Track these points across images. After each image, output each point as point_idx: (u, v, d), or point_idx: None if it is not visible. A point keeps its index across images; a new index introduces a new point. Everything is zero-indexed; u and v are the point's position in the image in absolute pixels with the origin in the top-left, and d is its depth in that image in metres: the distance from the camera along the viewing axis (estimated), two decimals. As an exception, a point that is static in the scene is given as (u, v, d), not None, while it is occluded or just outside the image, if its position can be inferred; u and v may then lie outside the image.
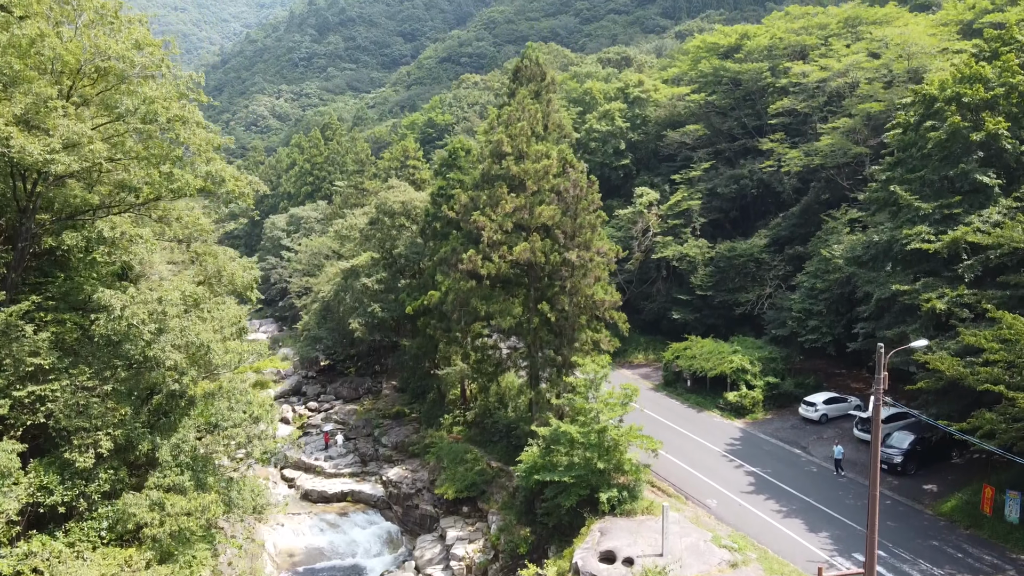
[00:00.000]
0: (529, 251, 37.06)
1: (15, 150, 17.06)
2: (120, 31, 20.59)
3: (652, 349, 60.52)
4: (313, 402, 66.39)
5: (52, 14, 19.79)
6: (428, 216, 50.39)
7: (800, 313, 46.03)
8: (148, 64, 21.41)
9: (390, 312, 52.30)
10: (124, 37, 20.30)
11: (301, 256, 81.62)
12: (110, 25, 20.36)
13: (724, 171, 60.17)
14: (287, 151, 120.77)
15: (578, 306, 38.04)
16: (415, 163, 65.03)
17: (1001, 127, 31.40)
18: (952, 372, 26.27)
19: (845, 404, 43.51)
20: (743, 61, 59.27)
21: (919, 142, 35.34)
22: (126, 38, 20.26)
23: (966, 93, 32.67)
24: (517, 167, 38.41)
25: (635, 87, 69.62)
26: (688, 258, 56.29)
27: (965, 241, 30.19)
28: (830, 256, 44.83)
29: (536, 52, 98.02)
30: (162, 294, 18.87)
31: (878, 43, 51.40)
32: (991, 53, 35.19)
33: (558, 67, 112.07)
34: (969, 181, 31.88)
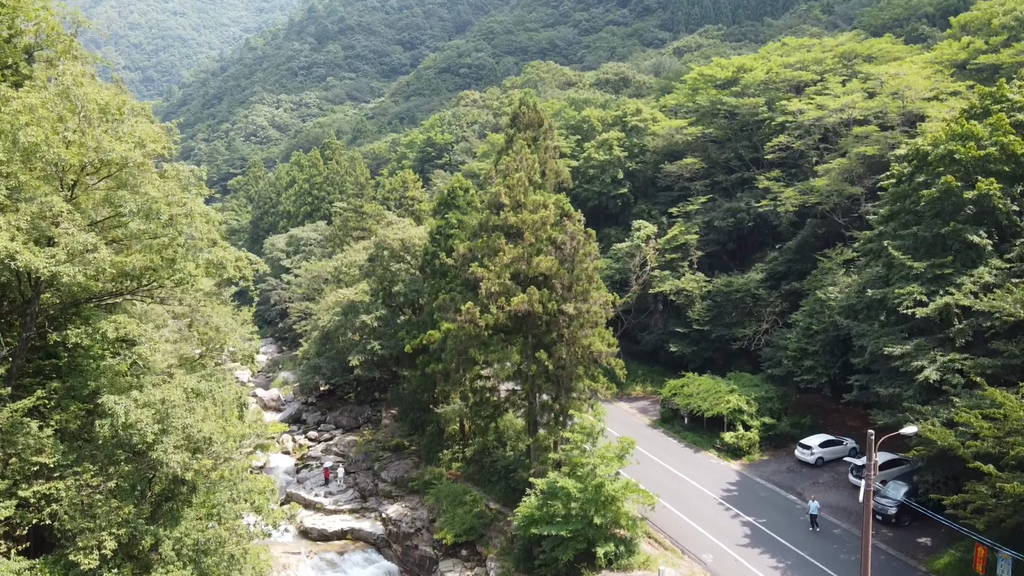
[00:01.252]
0: (527, 303, 37.42)
1: (21, 265, 17.43)
2: (124, 122, 20.92)
3: (650, 381, 60.91)
4: (313, 431, 66.73)
5: (55, 109, 20.13)
6: (427, 254, 50.76)
7: (796, 352, 46.39)
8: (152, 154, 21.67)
9: (389, 350, 52.68)
10: (127, 134, 20.64)
11: (301, 280, 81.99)
12: (114, 121, 20.69)
13: (721, 203, 60.56)
14: (286, 168, 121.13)
15: (575, 356, 38.40)
16: (414, 193, 65.44)
17: (993, 188, 31.79)
18: (943, 443, 26.65)
19: (841, 447, 43.90)
20: (740, 95, 59.64)
21: (912, 195, 35.77)
22: (129, 135, 20.60)
23: (959, 151, 33.07)
24: (515, 217, 38.79)
25: (633, 115, 70.01)
26: (685, 292, 56.68)
27: (956, 305, 30.57)
28: (825, 298, 45.26)
29: (536, 69, 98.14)
30: (165, 394, 19.24)
31: (873, 81, 51.81)
32: (983, 110, 35.60)
33: (557, 85, 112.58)
34: (961, 240, 32.27)
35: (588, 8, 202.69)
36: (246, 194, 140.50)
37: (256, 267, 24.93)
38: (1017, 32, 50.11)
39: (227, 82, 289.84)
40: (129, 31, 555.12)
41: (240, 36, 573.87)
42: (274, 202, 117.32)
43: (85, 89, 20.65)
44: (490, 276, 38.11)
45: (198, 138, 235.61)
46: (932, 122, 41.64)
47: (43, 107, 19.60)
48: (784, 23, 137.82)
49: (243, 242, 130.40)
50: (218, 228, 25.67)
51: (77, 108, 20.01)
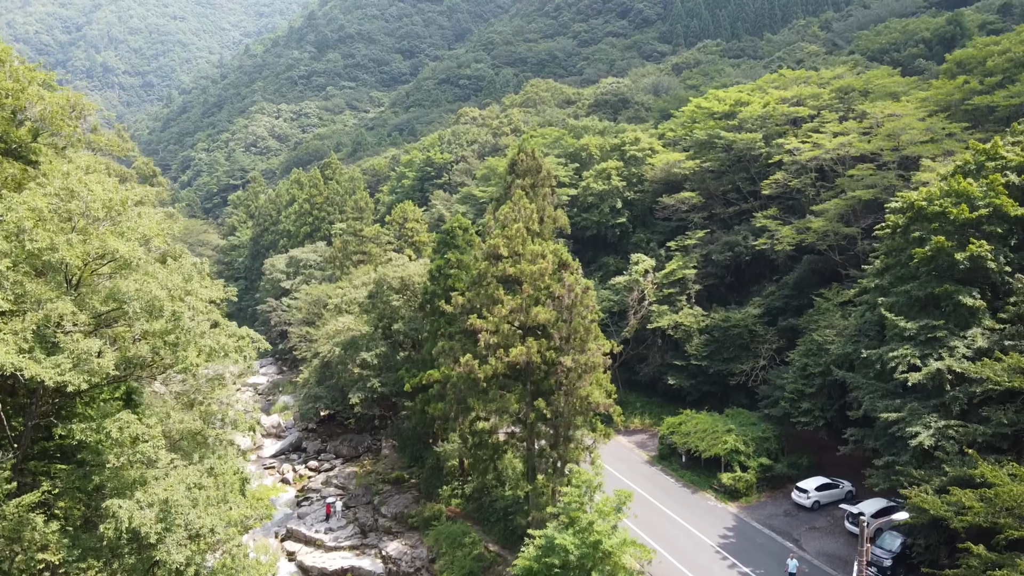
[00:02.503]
0: (525, 354, 37.79)
1: (28, 376, 17.79)
2: (128, 216, 21.28)
3: (648, 413, 61.24)
4: (313, 461, 67.04)
5: (58, 209, 20.49)
6: (427, 293, 51.11)
7: (792, 394, 46.72)
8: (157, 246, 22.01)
9: (389, 387, 53.02)
10: (131, 229, 21.00)
11: (301, 304, 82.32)
12: (117, 216, 21.05)
13: (719, 236, 60.91)
14: (286, 185, 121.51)
15: (573, 407, 38.76)
16: (414, 224, 65.77)
17: (984, 249, 32.14)
18: (936, 512, 27.00)
19: (837, 491, 44.22)
20: (737, 129, 60.05)
21: (906, 248, 36.14)
22: (132, 231, 20.96)
23: (951, 212, 33.42)
24: (514, 268, 39.18)
25: (631, 144, 70.38)
26: (683, 327, 57.00)
27: (949, 371, 30.91)
28: (822, 340, 45.63)
29: (535, 88, 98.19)
30: (168, 493, 19.58)
31: (870, 120, 52.18)
32: (977, 166, 35.96)
33: (556, 104, 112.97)
34: (953, 302, 32.61)
35: (587, 19, 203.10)
36: (246, 209, 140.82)
37: (258, 345, 25.24)
38: (1011, 73, 50.48)
39: (227, 90, 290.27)
40: (129, 36, 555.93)
41: (240, 41, 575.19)
42: (274, 219, 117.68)
43: (90, 186, 20.97)
44: (489, 327, 38.49)
45: (198, 147, 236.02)
46: (926, 171, 41.98)
47: (48, 210, 19.90)
48: (782, 38, 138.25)
49: (243, 258, 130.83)
50: (220, 305, 25.97)
51: (82, 208, 20.31)
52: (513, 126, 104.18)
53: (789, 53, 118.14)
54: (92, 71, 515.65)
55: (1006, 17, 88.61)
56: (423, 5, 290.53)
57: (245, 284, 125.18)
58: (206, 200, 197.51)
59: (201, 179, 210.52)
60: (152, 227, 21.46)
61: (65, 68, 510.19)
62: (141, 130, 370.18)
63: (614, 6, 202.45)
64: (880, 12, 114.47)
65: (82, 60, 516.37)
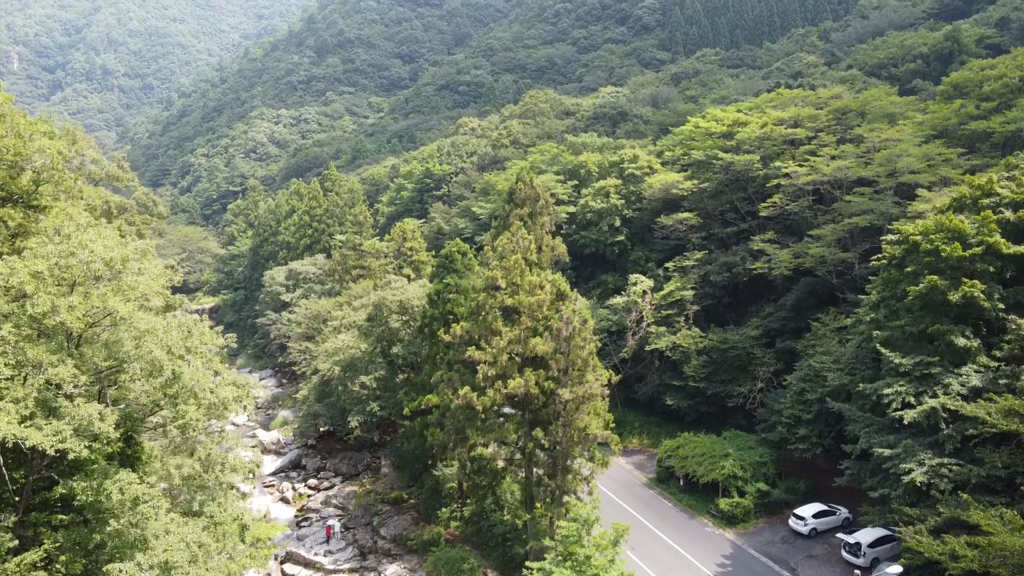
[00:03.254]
0: (524, 386, 38.02)
1: (29, 446, 18.00)
2: (127, 273, 21.49)
3: (647, 432, 61.45)
4: (313, 479, 67.19)
5: (59, 271, 20.70)
6: (426, 317, 51.34)
7: (790, 420, 46.93)
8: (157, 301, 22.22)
9: (388, 411, 53.24)
10: (131, 288, 21.20)
11: (301, 319, 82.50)
12: (117, 275, 21.26)
13: (718, 256, 61.11)
14: (286, 196, 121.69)
15: (571, 438, 38.98)
16: (413, 244, 66.00)
17: (976, 289, 32.37)
18: (930, 555, 27.23)
19: (834, 517, 44.40)
20: (735, 150, 60.28)
21: (901, 282, 36.39)
22: (132, 288, 21.17)
23: (944, 250, 33.65)
24: (512, 299, 39.41)
25: (630, 162, 70.63)
26: (681, 348, 57.23)
27: (944, 409, 31.14)
28: (819, 367, 45.85)
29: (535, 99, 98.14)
30: (168, 555, 19.79)
31: (868, 143, 52.41)
32: (972, 200, 36.18)
33: (555, 115, 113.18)
34: (947, 341, 32.84)
35: (586, 25, 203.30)
36: (246, 219, 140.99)
37: (257, 397, 25.43)
38: (1007, 99, 50.72)
39: (227, 94, 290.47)
40: (128, 38, 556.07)
41: (239, 43, 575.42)
42: (273, 230, 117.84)
43: (91, 245, 21.17)
44: (487, 358, 38.70)
45: (198, 153, 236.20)
46: (922, 202, 42.20)
47: (49, 273, 20.11)
48: (781, 48, 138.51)
49: (243, 268, 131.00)
50: (220, 351, 26.19)
51: (83, 268, 20.52)
52: (512, 138, 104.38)
53: (788, 64, 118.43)
54: (92, 73, 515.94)
55: (1003, 31, 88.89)
56: (422, 9, 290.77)
57: (244, 294, 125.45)
58: (206, 207, 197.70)
59: (201, 185, 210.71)
60: (152, 285, 21.65)
61: (64, 70, 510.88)
62: (141, 134, 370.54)
63: (613, 12, 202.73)
64: (879, 23, 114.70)
65: (81, 63, 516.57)
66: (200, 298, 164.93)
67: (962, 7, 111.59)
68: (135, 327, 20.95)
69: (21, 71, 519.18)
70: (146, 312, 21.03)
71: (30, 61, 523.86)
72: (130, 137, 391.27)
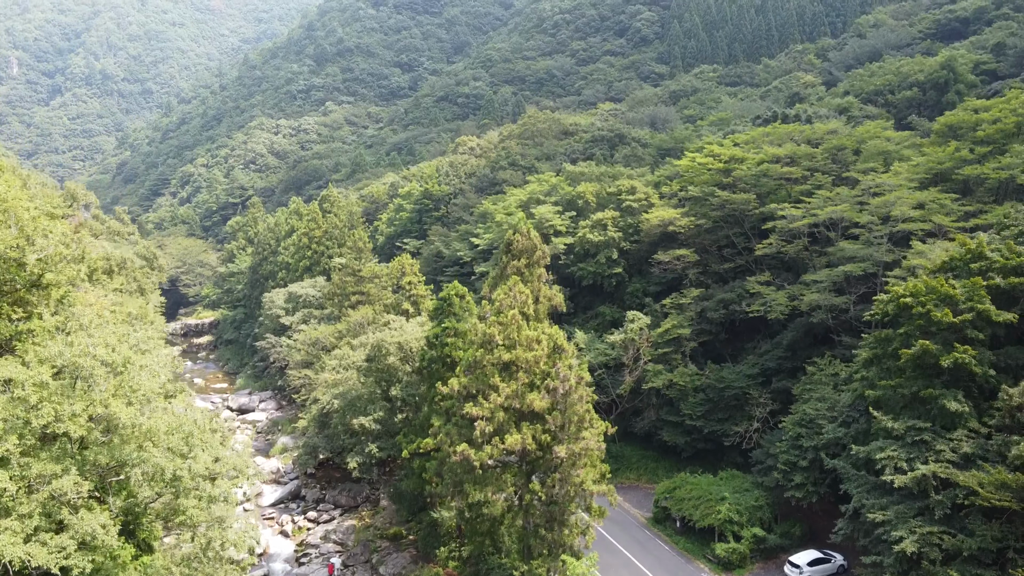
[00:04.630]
0: (521, 443, 38.43)
1: (34, 565, 18.40)
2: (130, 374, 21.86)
3: (644, 468, 61.86)
4: (312, 511, 67.55)
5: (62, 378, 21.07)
6: (424, 359, 51.71)
7: (785, 466, 47.31)
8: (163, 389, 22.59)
9: (387, 451, 53.65)
10: (134, 391, 21.59)
11: (300, 347, 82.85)
12: (119, 375, 21.64)
13: (714, 292, 61.50)
14: (285, 215, 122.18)
15: (567, 493, 39.40)
16: (411, 278, 66.39)
17: (967, 356, 32.79)
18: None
19: (829, 565, 44.79)
20: (731, 187, 60.74)
21: (893, 341, 36.81)
22: (134, 391, 21.55)
23: (935, 315, 34.06)
24: (509, 354, 39.80)
25: (628, 194, 71.04)
26: (678, 386, 57.62)
27: (935, 476, 31.55)
28: (814, 414, 46.25)
29: (533, 119, 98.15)
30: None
31: (862, 187, 52.83)
32: (963, 262, 36.60)
33: (554, 136, 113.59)
34: (938, 405, 33.25)
35: (585, 37, 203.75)
36: (245, 235, 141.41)
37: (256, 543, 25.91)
38: (1001, 144, 51.14)
39: (226, 103, 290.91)
40: (128, 42, 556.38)
41: (238, 47, 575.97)
42: (273, 249, 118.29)
43: (94, 350, 21.53)
44: (484, 413, 39.11)
45: (198, 163, 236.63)
46: (916, 256, 42.61)
47: (55, 383, 20.50)
48: (779, 65, 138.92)
49: (242, 286, 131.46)
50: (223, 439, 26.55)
51: (86, 374, 20.91)
52: (511, 159, 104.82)
53: (785, 83, 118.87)
54: (91, 78, 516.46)
55: (999, 57, 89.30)
56: (422, 18, 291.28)
57: (244, 312, 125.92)
58: (205, 218, 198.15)
59: (200, 196, 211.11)
60: (153, 385, 22.04)
61: (64, 75, 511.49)
62: (140, 140, 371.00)
63: (612, 24, 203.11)
64: (875, 44, 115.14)
65: (81, 67, 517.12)
66: (200, 312, 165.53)
67: (959, 28, 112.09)
68: (138, 429, 21.35)
69: (20, 76, 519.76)
70: (149, 406, 21.43)
71: (29, 66, 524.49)
72: (129, 143, 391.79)
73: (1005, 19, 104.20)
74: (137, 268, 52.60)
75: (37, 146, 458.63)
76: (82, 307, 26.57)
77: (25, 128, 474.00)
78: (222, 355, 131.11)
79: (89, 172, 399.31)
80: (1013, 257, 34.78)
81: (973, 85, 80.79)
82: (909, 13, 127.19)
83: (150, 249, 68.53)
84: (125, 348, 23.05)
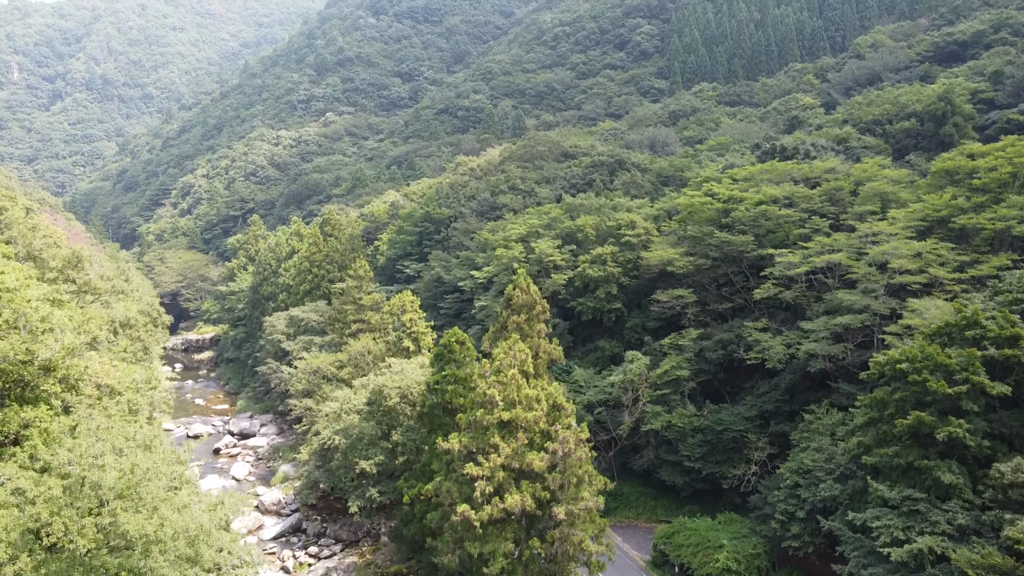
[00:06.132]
0: (520, 504, 38.89)
1: None
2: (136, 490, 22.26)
3: (643, 507, 62.25)
4: (313, 546, 67.95)
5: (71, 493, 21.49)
6: (425, 405, 52.13)
7: (783, 515, 47.70)
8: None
9: (388, 496, 54.07)
10: (145, 503, 22.03)
11: (301, 376, 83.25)
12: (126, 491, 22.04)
13: (713, 332, 61.91)
14: (286, 235, 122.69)
15: (567, 553, 39.86)
16: (412, 315, 66.82)
17: (962, 429, 33.22)
18: None
19: (826, 616, 45.25)
20: (729, 227, 61.21)
21: (889, 407, 37.26)
22: (146, 505, 21.97)
23: (931, 385, 34.49)
24: (508, 414, 40.27)
25: (627, 228, 71.51)
26: (676, 427, 58.04)
27: (930, 551, 31.98)
28: (812, 464, 46.65)
29: (534, 140, 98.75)
30: None
31: (859, 234, 53.28)
32: (958, 329, 37.01)
33: (554, 158, 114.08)
34: (933, 477, 33.69)
35: (585, 50, 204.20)
36: (246, 253, 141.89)
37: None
38: (997, 193, 51.58)
39: (227, 112, 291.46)
40: (128, 47, 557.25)
41: (239, 51, 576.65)
42: (273, 270, 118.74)
43: (103, 458, 21.92)
44: (484, 472, 39.57)
45: (198, 174, 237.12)
46: (912, 316, 43.04)
47: (65, 497, 20.91)
48: (778, 84, 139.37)
49: (243, 305, 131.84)
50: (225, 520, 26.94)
51: (95, 489, 21.30)
52: (511, 183, 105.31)
53: (785, 104, 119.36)
54: (92, 83, 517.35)
55: (997, 85, 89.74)
56: (422, 27, 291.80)
57: (245, 332, 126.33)
58: (206, 231, 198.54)
59: (201, 208, 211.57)
60: (160, 492, 22.46)
61: (64, 80, 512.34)
62: (140, 147, 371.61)
63: (612, 37, 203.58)
64: (874, 65, 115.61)
65: (82, 72, 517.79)
66: (201, 327, 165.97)
67: (957, 51, 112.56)
68: (145, 537, 21.75)
69: (21, 81, 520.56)
70: (157, 513, 21.85)
71: (30, 71, 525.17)
72: (130, 149, 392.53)
73: (1003, 44, 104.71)
74: (141, 326, 53.10)
75: (38, 151, 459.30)
76: (88, 385, 26.99)
77: (26, 133, 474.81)
78: (223, 374, 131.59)
79: (90, 178, 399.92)
80: (1007, 327, 35.19)
81: (970, 117, 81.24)
82: (908, 34, 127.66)
83: (154, 307, 68.96)
84: (132, 448, 23.49)
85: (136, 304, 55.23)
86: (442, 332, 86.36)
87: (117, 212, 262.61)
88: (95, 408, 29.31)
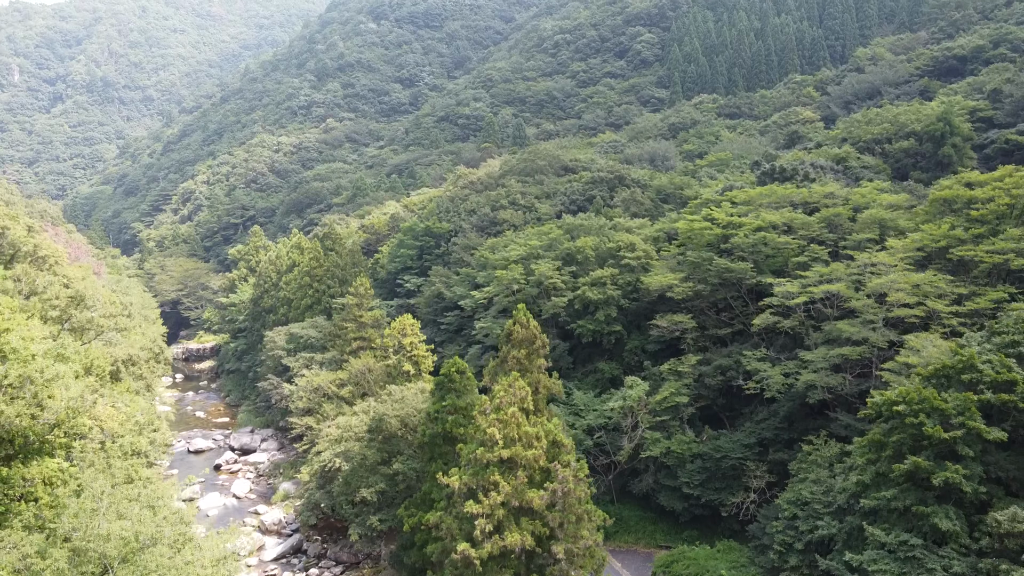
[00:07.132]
0: (520, 542, 39.21)
1: None
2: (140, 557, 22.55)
3: (642, 531, 62.47)
4: (314, 568, 68.24)
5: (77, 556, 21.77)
6: (426, 435, 52.42)
7: (781, 547, 48.02)
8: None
9: (388, 523, 54.40)
10: (144, 566, 22.29)
11: (302, 394, 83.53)
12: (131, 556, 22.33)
13: (712, 357, 62.23)
14: (287, 248, 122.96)
15: (567, 591, 40.20)
16: (412, 339, 67.13)
17: (958, 475, 33.51)
18: None
19: (824, 649, 45.55)
20: (728, 253, 61.56)
21: (886, 448, 37.57)
22: (147, 571, 22.26)
23: (928, 430, 34.80)
24: (508, 452, 40.58)
25: (627, 250, 71.84)
26: (675, 454, 58.32)
27: (926, 600, 32.32)
28: (810, 498, 46.98)
29: (534, 154, 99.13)
30: None
31: (858, 263, 53.60)
32: (955, 371, 37.30)
33: (554, 172, 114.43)
34: (930, 523, 34.00)
35: (586, 58, 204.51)
36: (247, 264, 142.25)
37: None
38: (994, 225, 51.89)
39: (227, 117, 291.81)
40: (129, 49, 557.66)
41: (240, 53, 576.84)
42: (274, 282, 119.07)
43: (107, 524, 22.22)
44: (484, 510, 39.89)
45: (199, 180, 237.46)
46: (910, 354, 43.34)
47: (69, 567, 21.19)
48: (778, 96, 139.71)
49: (244, 317, 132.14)
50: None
51: (101, 557, 21.58)
52: (511, 198, 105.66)
53: (784, 118, 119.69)
54: (92, 85, 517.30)
55: (996, 104, 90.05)
56: (422, 32, 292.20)
57: (246, 344, 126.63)
58: (207, 238, 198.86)
59: (202, 215, 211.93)
60: (164, 561, 22.76)
61: (65, 82, 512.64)
62: (141, 150, 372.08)
63: (612, 46, 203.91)
64: (873, 80, 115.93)
65: (82, 74, 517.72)
66: (201, 335, 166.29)
67: (956, 66, 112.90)
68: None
69: (22, 83, 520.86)
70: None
71: (31, 73, 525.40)
72: (131, 152, 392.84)
73: (1002, 60, 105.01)
74: (143, 362, 53.46)
75: (38, 154, 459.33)
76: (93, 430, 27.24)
77: (26, 135, 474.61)
78: (224, 385, 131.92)
79: (90, 181, 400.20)
80: (1003, 371, 35.48)
81: (969, 138, 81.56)
82: (907, 47, 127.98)
83: (157, 343, 69.32)
84: (136, 513, 23.79)
85: (140, 339, 55.50)
86: (443, 347, 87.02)
87: (118, 217, 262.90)
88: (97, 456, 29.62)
